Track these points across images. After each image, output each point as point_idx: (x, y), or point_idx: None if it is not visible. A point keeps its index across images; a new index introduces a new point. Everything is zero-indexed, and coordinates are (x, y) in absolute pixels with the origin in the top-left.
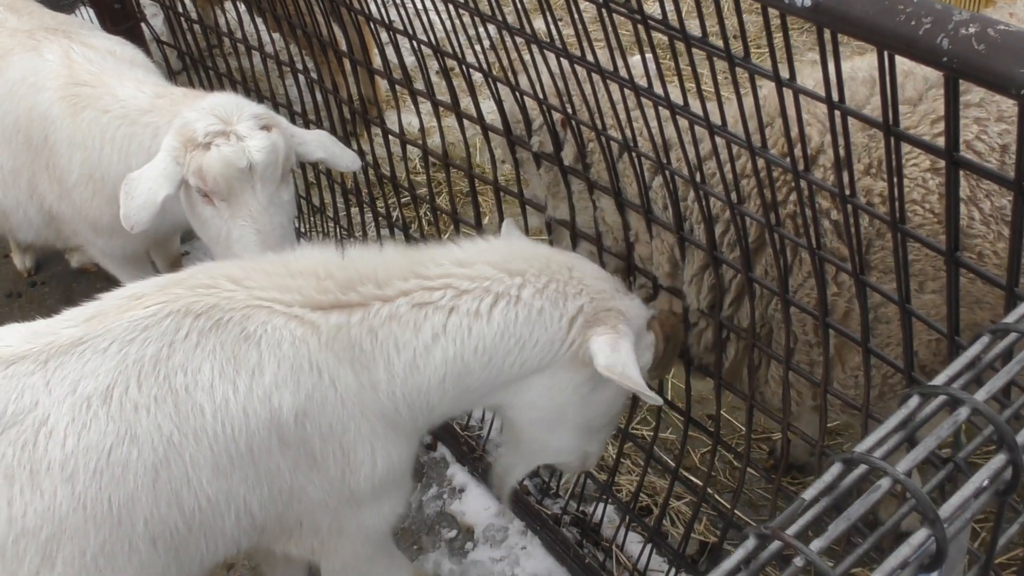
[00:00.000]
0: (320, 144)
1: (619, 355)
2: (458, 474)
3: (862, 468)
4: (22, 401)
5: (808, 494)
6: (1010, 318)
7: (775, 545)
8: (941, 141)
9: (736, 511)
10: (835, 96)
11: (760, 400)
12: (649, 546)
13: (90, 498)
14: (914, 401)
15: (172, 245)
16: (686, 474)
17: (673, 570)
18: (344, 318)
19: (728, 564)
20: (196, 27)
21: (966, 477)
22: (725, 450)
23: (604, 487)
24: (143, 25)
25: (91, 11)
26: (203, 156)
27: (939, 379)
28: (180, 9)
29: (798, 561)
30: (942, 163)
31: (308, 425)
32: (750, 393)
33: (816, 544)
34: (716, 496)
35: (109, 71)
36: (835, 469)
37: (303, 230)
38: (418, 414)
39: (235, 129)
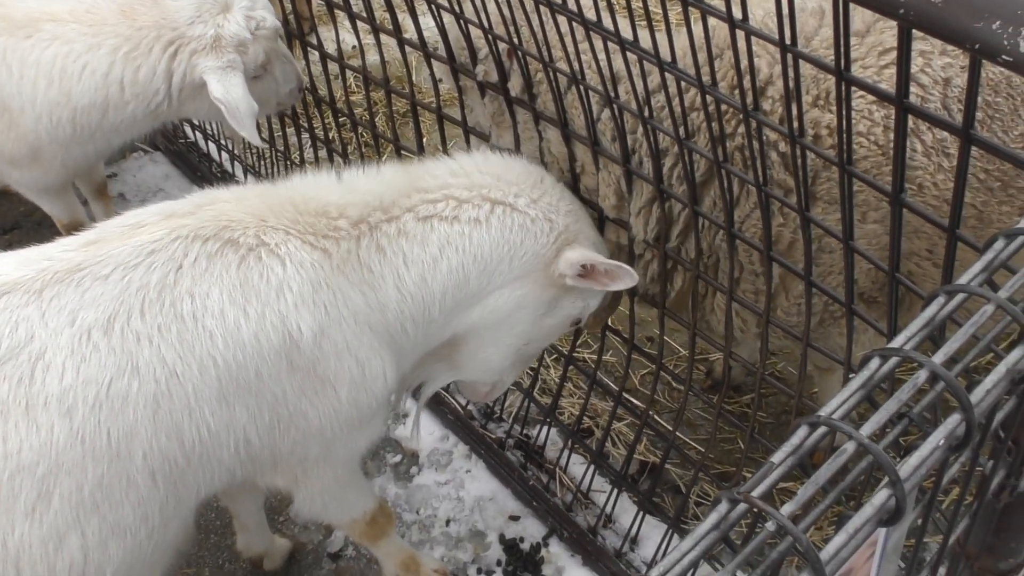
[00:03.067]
0: None
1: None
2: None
3: (824, 430)
4: (16, 335)
5: (776, 457)
6: (964, 278)
7: (742, 507)
8: (888, 73)
9: (676, 432)
10: (787, 38)
11: (706, 328)
12: (592, 467)
13: (88, 432)
14: (875, 363)
15: (97, 171)
16: (627, 396)
17: (615, 490)
18: (354, 244)
19: (703, 528)
20: None
21: (919, 429)
22: (665, 373)
23: (547, 410)
24: None
25: None
26: (262, 43)
27: (897, 340)
28: None
29: (770, 525)
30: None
31: (325, 343)
32: (693, 322)
33: (787, 508)
34: (656, 417)
35: None
36: (801, 432)
37: (236, 152)
38: (419, 332)
39: (244, 7)
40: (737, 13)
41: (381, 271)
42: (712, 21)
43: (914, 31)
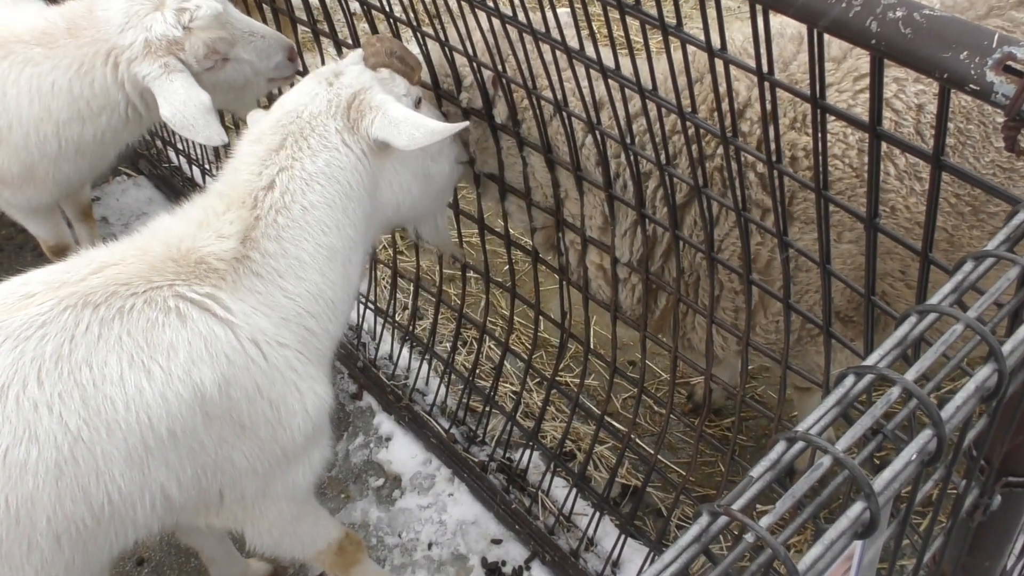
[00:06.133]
0: None
1: (403, 122)
2: (384, 423)
3: (801, 445)
4: None
5: (755, 471)
6: (934, 299)
7: (723, 520)
8: (863, 98)
9: (658, 455)
10: (764, 66)
11: (687, 345)
12: (574, 490)
13: None
14: (849, 380)
15: (82, 193)
16: (609, 419)
17: (597, 513)
18: (231, 282)
19: (684, 540)
20: None
21: (891, 442)
22: (647, 396)
23: (530, 434)
24: None
25: None
26: (199, 36)
27: (871, 359)
28: None
29: (749, 537)
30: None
31: (233, 392)
32: (674, 346)
33: (765, 520)
34: (638, 440)
35: None
36: (779, 447)
37: (215, 172)
38: (346, 283)
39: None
40: (716, 41)
41: (267, 289)
42: (692, 47)
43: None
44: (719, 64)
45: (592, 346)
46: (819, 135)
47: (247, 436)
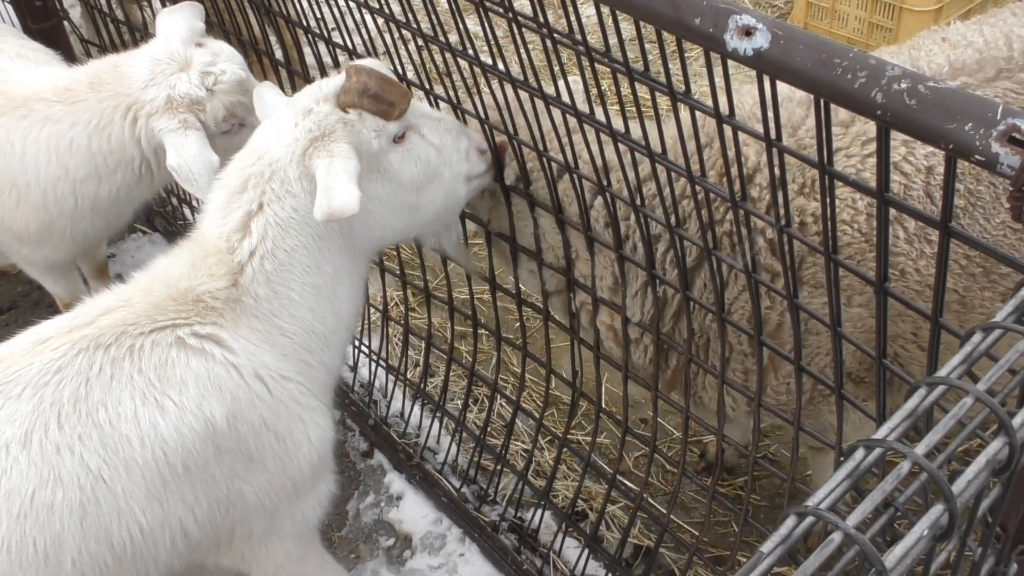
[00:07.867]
0: None
1: (320, 188)
2: (395, 482)
3: (811, 520)
4: None
5: (766, 547)
6: (944, 371)
7: None
8: (871, 162)
9: (671, 515)
10: (772, 133)
11: (699, 403)
12: (586, 551)
13: (14, 542)
14: (859, 453)
15: (98, 251)
16: (620, 478)
17: (609, 575)
18: (232, 321)
19: None
20: (122, 26)
21: (903, 516)
22: (659, 455)
23: (542, 493)
24: (65, 23)
25: (10, 8)
26: (220, 99)
27: (881, 431)
28: (104, 8)
29: None
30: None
31: (241, 426)
32: (686, 405)
33: None
34: (651, 500)
35: (15, 77)
36: (790, 522)
37: None
38: (338, 321)
39: (204, 62)
40: (724, 106)
41: (266, 328)
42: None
43: None
44: (727, 129)
45: (604, 404)
46: (827, 201)
47: (256, 469)
